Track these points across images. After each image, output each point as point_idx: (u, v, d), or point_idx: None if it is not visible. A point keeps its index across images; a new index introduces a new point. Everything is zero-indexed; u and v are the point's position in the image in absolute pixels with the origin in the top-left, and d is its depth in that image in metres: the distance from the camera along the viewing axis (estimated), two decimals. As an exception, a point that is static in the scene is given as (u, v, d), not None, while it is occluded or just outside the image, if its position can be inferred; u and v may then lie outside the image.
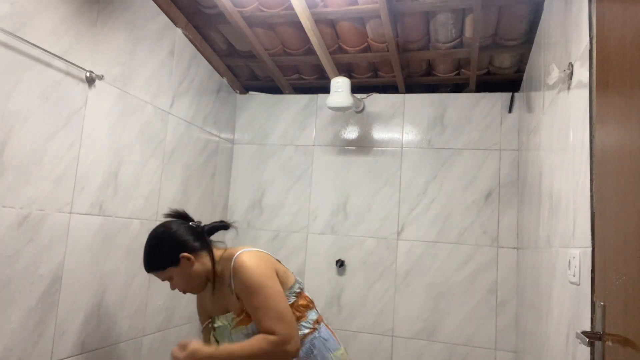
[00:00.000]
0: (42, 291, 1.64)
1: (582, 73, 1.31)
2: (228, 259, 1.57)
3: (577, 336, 1.09)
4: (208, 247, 1.62)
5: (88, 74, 1.80)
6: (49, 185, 1.65)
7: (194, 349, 1.44)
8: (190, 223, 1.65)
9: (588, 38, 1.26)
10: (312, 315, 1.63)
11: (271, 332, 1.44)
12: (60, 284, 1.72)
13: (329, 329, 1.69)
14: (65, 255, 1.74)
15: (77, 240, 1.79)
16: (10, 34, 1.46)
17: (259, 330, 1.47)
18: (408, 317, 2.66)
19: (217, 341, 1.63)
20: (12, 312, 1.52)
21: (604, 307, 1.04)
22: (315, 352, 1.58)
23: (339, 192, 2.85)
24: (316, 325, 1.62)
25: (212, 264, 1.60)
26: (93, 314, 1.88)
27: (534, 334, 1.91)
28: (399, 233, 2.73)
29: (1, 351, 1.48)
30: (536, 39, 2.15)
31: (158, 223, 1.67)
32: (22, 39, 1.50)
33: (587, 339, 1.05)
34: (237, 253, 1.55)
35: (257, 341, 1.44)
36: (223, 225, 1.72)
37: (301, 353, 1.55)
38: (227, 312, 1.59)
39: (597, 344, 1.05)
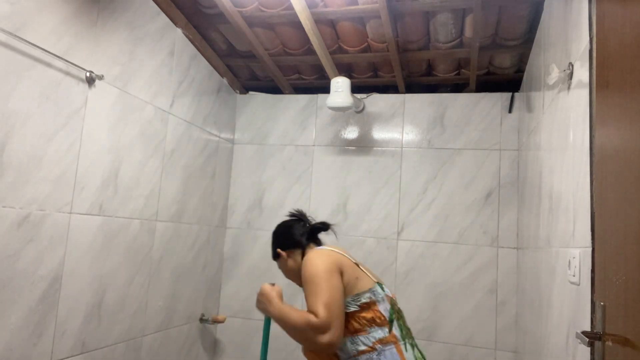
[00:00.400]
0: (42, 291, 1.64)
1: (582, 73, 1.31)
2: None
3: (577, 336, 1.09)
4: (302, 246, 1.74)
5: (88, 74, 1.80)
6: (49, 185, 1.65)
7: (267, 294, 1.61)
8: (294, 221, 1.82)
9: (588, 38, 1.26)
10: (376, 334, 1.49)
11: (314, 313, 1.41)
12: (60, 284, 1.72)
13: (404, 358, 1.50)
14: (65, 255, 1.74)
15: (77, 240, 1.79)
16: (10, 34, 1.46)
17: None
18: (408, 317, 2.63)
19: None
20: (12, 312, 1.52)
21: (604, 307, 1.04)
22: None
23: (339, 192, 2.85)
24: (377, 346, 1.48)
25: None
26: (93, 314, 1.88)
27: (534, 334, 1.91)
28: (399, 233, 2.73)
29: (1, 351, 1.49)
30: (536, 39, 2.15)
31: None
32: (22, 39, 1.50)
33: (587, 339, 1.05)
34: (311, 251, 1.66)
35: (300, 314, 1.45)
36: (323, 227, 1.82)
37: None
38: None
39: (597, 344, 1.05)
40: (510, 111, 2.65)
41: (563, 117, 1.53)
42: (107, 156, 1.93)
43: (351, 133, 2.89)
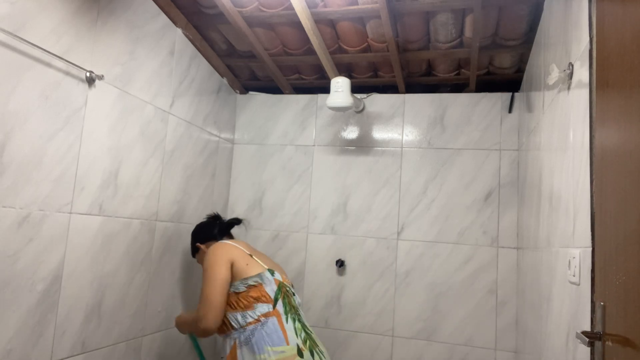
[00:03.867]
0: (42, 291, 1.64)
1: (582, 73, 1.31)
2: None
3: (577, 336, 1.09)
4: (216, 239, 2.16)
5: (88, 74, 1.80)
6: (49, 185, 1.65)
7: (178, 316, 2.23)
8: (217, 221, 2.26)
9: (588, 38, 1.26)
10: (261, 308, 1.88)
11: (197, 309, 1.90)
12: (60, 284, 1.72)
13: (283, 328, 1.87)
14: (65, 255, 1.74)
15: (77, 240, 1.79)
16: (10, 34, 1.46)
17: None
18: (408, 317, 2.66)
19: None
20: (12, 312, 1.52)
21: (604, 307, 1.04)
22: (253, 340, 1.84)
23: (339, 192, 2.85)
24: (262, 319, 1.87)
25: None
26: (93, 314, 1.88)
27: (534, 334, 1.91)
28: (399, 233, 2.73)
29: (1, 351, 1.49)
30: (536, 39, 2.15)
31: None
32: (22, 39, 1.50)
33: (587, 339, 1.05)
34: (213, 245, 2.07)
35: (191, 313, 2.10)
36: (235, 221, 2.28)
37: (242, 337, 1.86)
38: None
39: (597, 344, 1.05)
40: (510, 111, 2.65)
41: (563, 117, 1.53)
42: (107, 156, 1.93)
43: (351, 133, 2.89)
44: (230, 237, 2.26)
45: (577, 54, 1.38)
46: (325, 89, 2.82)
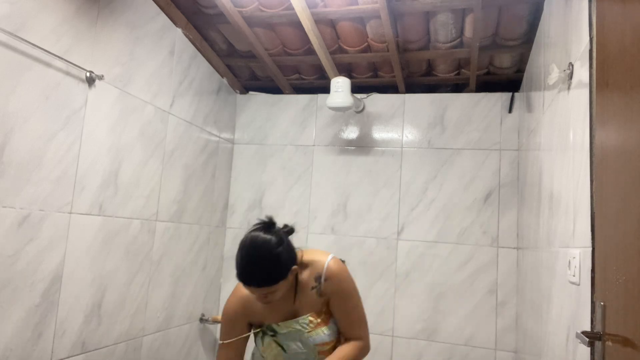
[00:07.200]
0: (42, 291, 1.64)
1: (582, 73, 1.31)
2: (312, 263, 1.56)
3: (577, 336, 1.09)
4: (296, 254, 1.52)
5: (88, 74, 1.80)
6: (49, 185, 1.65)
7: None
8: (280, 230, 1.51)
9: (588, 38, 1.26)
10: None
11: (359, 338, 1.55)
12: (60, 284, 1.72)
13: None
14: (65, 255, 1.74)
15: (77, 240, 1.79)
16: (10, 34, 1.46)
17: (344, 331, 1.57)
18: (408, 317, 2.66)
19: (280, 346, 1.56)
20: (12, 312, 1.52)
21: (604, 307, 1.04)
22: None
23: (339, 192, 2.85)
24: None
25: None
26: (93, 314, 1.88)
27: (534, 334, 1.91)
28: (399, 233, 2.73)
29: (1, 351, 1.49)
30: (536, 39, 2.15)
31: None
32: (22, 39, 1.50)
33: (587, 339, 1.05)
34: (329, 259, 1.56)
35: (351, 349, 1.53)
36: (292, 230, 1.58)
37: None
38: (295, 316, 1.55)
39: (597, 344, 1.05)
40: (510, 111, 2.65)
41: (563, 117, 1.53)
42: (107, 156, 1.93)
43: (351, 133, 2.89)
44: None
45: (577, 54, 1.38)
46: (325, 89, 2.82)
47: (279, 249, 1.42)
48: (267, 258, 1.40)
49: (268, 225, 1.48)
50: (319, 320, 1.54)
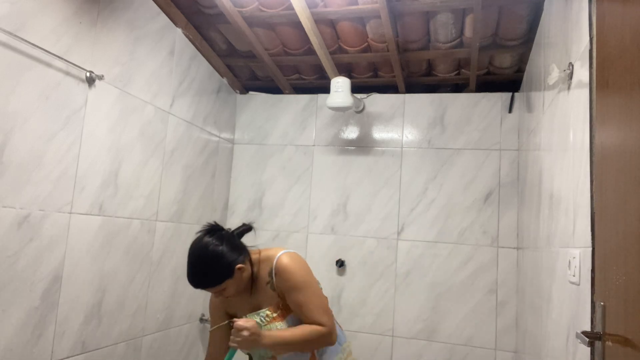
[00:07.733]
0: (42, 291, 1.64)
1: (582, 73, 1.31)
2: (267, 259, 1.63)
3: (577, 336, 1.09)
4: (247, 252, 1.64)
5: (88, 74, 1.80)
6: (49, 185, 1.65)
7: (255, 327, 1.49)
8: (223, 232, 1.62)
9: (588, 38, 1.26)
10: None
11: (319, 324, 1.54)
12: (60, 284, 1.72)
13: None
14: (65, 255, 1.74)
15: (77, 240, 1.79)
16: (10, 34, 1.46)
17: (306, 323, 1.57)
18: (408, 317, 2.66)
19: None
20: (12, 312, 1.52)
21: (604, 307, 1.04)
22: (329, 350, 1.68)
23: (339, 192, 2.85)
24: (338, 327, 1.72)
25: (251, 266, 1.63)
26: (93, 314, 1.88)
27: (534, 334, 1.91)
28: (399, 233, 2.73)
29: (1, 351, 1.48)
30: (536, 39, 2.15)
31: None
32: (22, 39, 1.50)
33: (587, 339, 1.05)
34: (279, 254, 1.61)
35: (308, 330, 1.53)
36: (249, 228, 1.72)
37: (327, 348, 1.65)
38: (258, 309, 1.63)
39: (597, 344, 1.05)
40: (510, 111, 2.65)
41: (563, 117, 1.53)
42: (107, 156, 1.93)
43: (351, 133, 2.89)
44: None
45: (577, 54, 1.38)
46: (325, 89, 2.82)
47: (218, 250, 1.53)
48: (204, 262, 1.52)
49: (209, 229, 1.60)
50: (274, 314, 1.60)
